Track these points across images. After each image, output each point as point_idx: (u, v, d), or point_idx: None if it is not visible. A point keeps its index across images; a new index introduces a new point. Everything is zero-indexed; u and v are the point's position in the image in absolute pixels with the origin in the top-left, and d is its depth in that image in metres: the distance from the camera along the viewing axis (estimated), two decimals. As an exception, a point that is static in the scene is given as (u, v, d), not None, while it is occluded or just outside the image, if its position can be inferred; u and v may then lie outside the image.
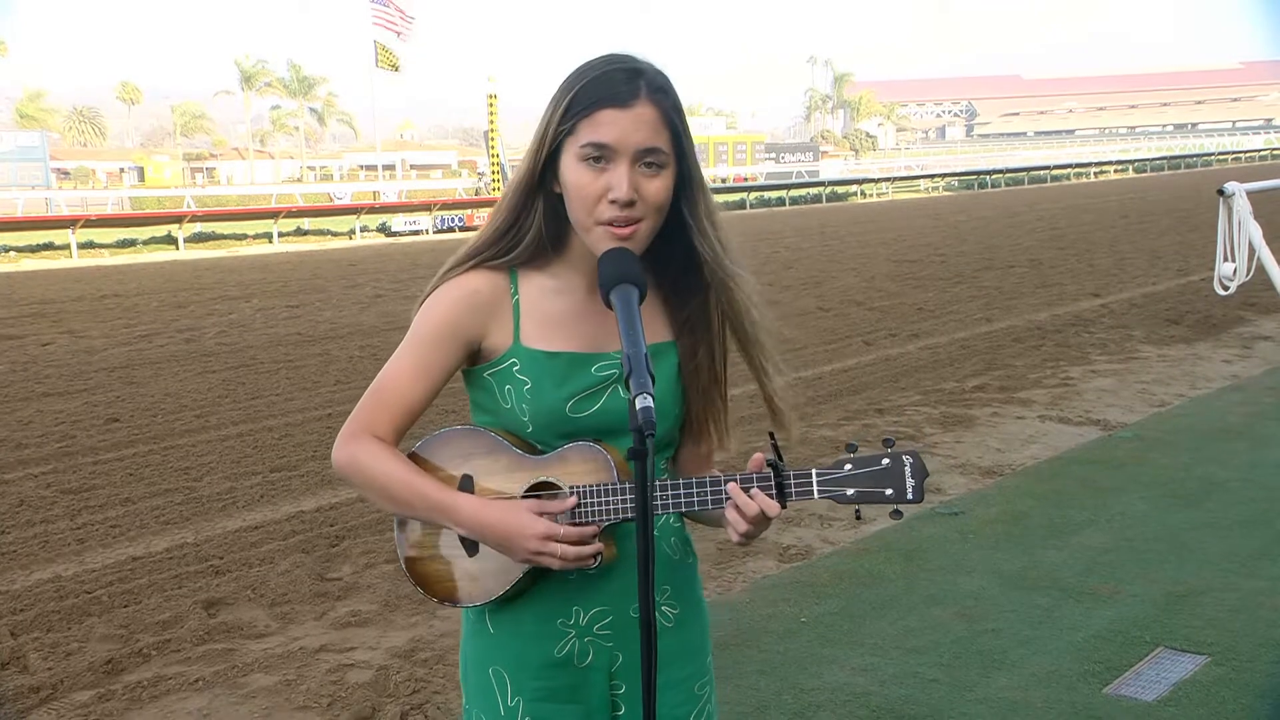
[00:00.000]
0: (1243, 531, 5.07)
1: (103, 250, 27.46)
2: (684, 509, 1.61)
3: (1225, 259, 7.13)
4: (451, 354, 1.68)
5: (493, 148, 38.58)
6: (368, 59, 39.86)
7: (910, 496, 1.55)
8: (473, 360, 1.71)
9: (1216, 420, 7.18)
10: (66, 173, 67.59)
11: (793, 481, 1.56)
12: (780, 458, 1.58)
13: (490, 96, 38.29)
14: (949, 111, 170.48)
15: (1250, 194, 6.79)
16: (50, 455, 7.36)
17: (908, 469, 1.55)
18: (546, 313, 1.67)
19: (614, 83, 1.57)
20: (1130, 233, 21.79)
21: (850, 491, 1.56)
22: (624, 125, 1.55)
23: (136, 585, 4.96)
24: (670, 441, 1.75)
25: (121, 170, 68.74)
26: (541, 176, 1.64)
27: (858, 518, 1.64)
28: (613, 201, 1.55)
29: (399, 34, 39.55)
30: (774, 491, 1.55)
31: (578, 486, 1.62)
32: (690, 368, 1.71)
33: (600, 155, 1.56)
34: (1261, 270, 6.74)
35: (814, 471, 1.57)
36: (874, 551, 5.03)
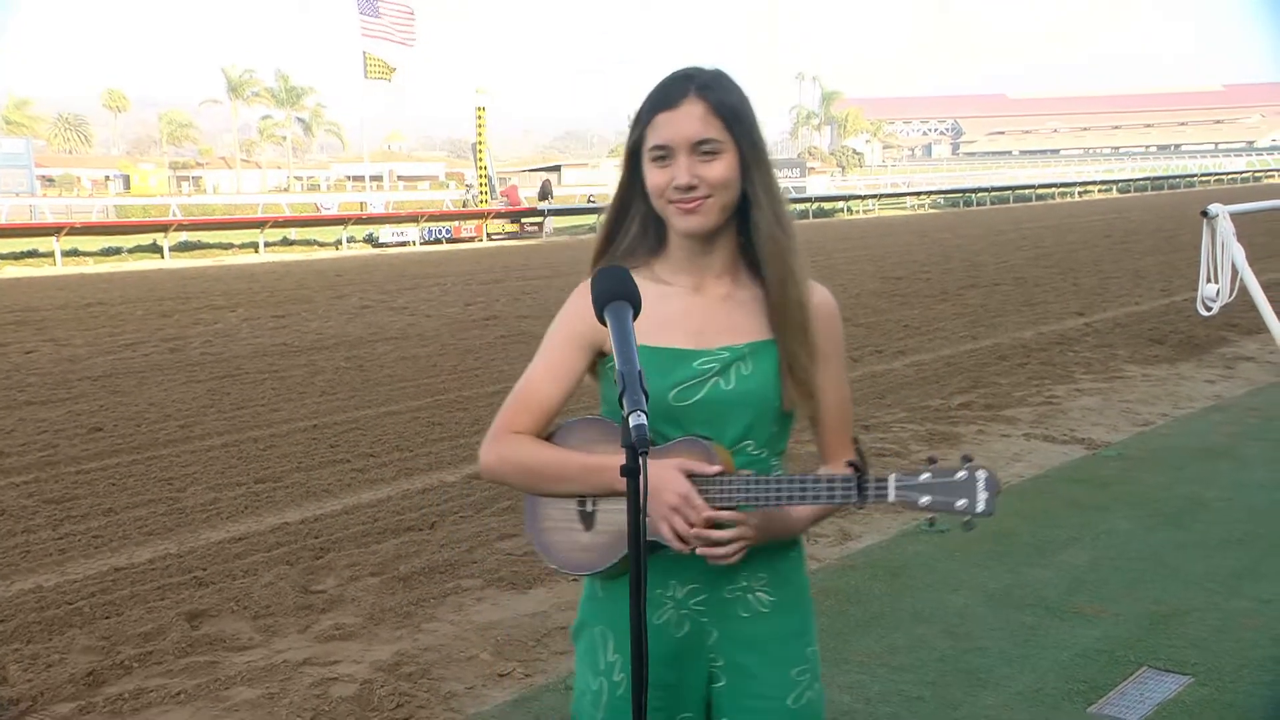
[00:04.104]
0: (1226, 551, 5.10)
1: (87, 258, 27.34)
2: (756, 505, 1.73)
3: (1208, 280, 7.20)
4: (577, 356, 1.89)
5: (480, 159, 38.59)
6: (356, 69, 39.81)
7: (981, 509, 1.63)
8: (600, 357, 1.90)
9: (1200, 440, 7.22)
10: (51, 180, 67.27)
11: (872, 483, 1.67)
12: (864, 460, 1.69)
13: (479, 109, 38.33)
14: (935, 129, 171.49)
15: (1233, 216, 6.85)
16: (32, 464, 7.31)
17: (980, 483, 1.63)
18: (655, 314, 1.81)
19: (666, 91, 1.80)
20: (1114, 252, 21.94)
21: (924, 499, 1.64)
22: (676, 123, 1.77)
23: (119, 596, 4.93)
24: (774, 436, 1.87)
25: (107, 178, 68.46)
26: (632, 186, 1.86)
27: (930, 525, 1.75)
28: (676, 188, 1.77)
29: (396, 40, 39.33)
30: (854, 491, 1.67)
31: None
32: (787, 363, 1.84)
33: (664, 154, 1.78)
34: (1244, 291, 6.80)
35: (892, 476, 1.66)
36: (859, 569, 5.04)
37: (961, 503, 1.63)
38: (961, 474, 1.64)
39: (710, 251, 1.85)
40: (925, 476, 1.65)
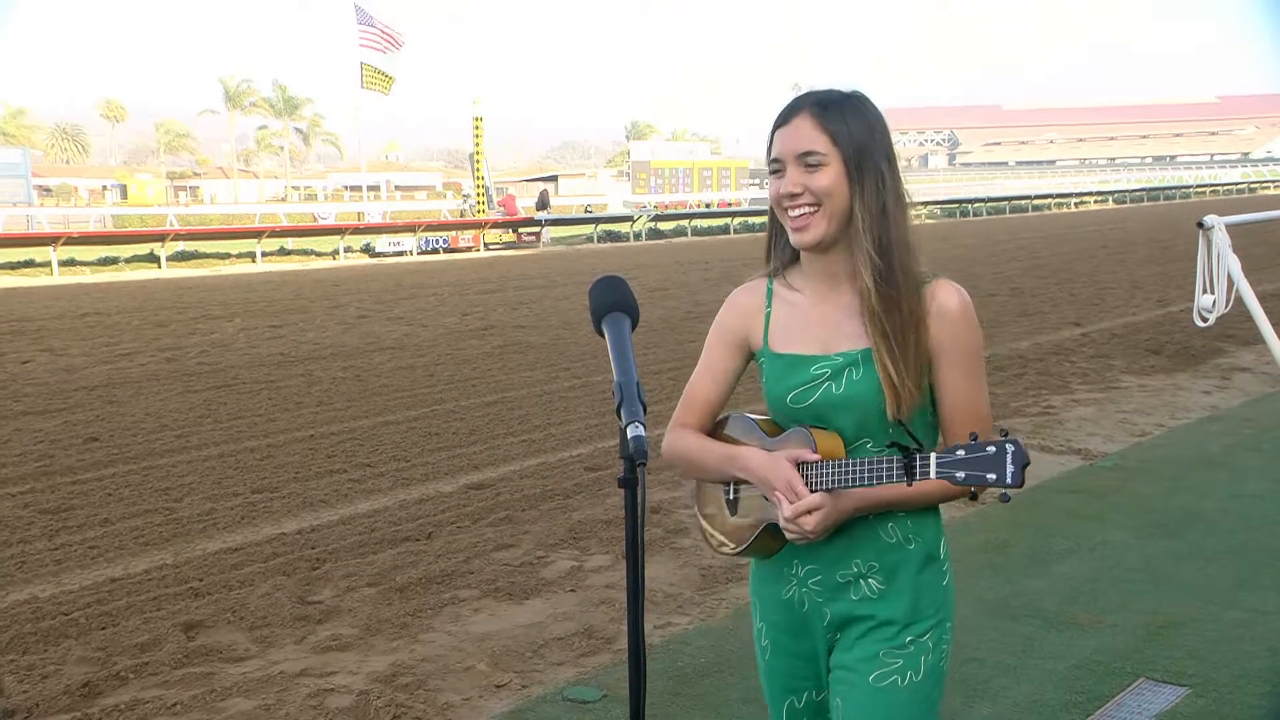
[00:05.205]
0: (1222, 562, 5.10)
1: (84, 268, 27.31)
2: (840, 487, 1.86)
3: (1204, 291, 7.21)
4: (730, 356, 2.09)
5: (478, 169, 38.61)
6: (354, 80, 39.84)
7: (1009, 481, 1.69)
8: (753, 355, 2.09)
9: (1196, 450, 7.23)
10: (48, 190, 67.29)
11: (917, 462, 1.77)
12: (917, 441, 1.83)
13: (476, 119, 38.38)
14: (932, 140, 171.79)
15: (1229, 227, 6.87)
16: (28, 475, 7.30)
17: (1009, 456, 1.70)
18: (788, 322, 2.02)
19: (783, 111, 1.94)
20: (1110, 262, 21.98)
21: (960, 474, 1.73)
22: (785, 138, 1.91)
23: (115, 607, 4.92)
24: (892, 438, 1.91)
25: (104, 188, 68.48)
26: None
27: (972, 498, 1.79)
28: (783, 195, 1.91)
29: (383, 51, 39.44)
30: (903, 471, 1.78)
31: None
32: (882, 368, 1.90)
33: (778, 168, 1.93)
34: (1240, 302, 6.81)
35: (933, 455, 1.76)
36: (857, 579, 5.03)
37: (991, 476, 1.69)
38: (991, 448, 1.71)
39: (833, 261, 1.95)
40: (960, 452, 1.72)
